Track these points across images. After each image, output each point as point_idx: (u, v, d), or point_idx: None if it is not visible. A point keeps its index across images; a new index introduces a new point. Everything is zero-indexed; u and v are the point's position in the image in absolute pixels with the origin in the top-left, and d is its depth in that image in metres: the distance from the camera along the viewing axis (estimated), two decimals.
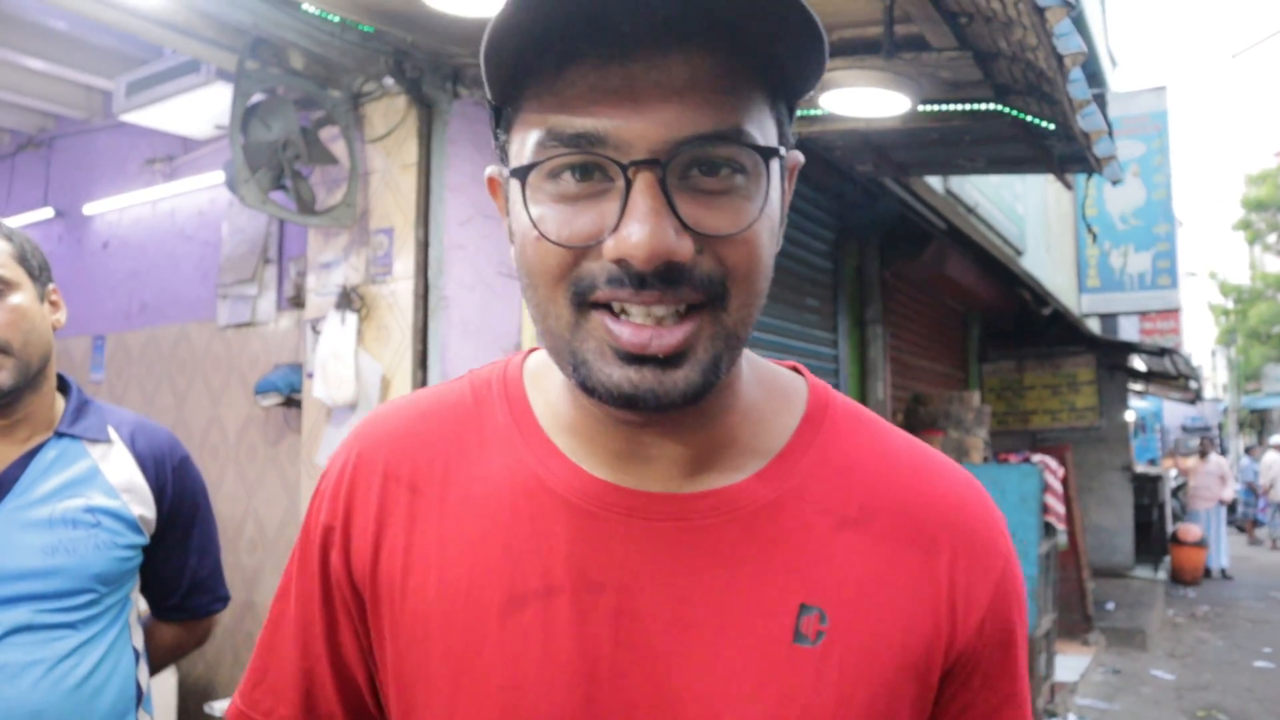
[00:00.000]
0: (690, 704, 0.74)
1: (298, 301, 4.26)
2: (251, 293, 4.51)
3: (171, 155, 5.00)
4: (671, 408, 0.71)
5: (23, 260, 1.72)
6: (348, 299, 3.66)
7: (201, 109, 4.17)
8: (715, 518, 0.78)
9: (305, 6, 3.22)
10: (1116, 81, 14.15)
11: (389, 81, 3.62)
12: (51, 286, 1.80)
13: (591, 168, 0.68)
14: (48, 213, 5.61)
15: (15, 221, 5.40)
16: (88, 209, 5.40)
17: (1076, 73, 2.84)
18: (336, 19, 3.31)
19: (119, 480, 1.77)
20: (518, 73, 0.70)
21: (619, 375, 0.69)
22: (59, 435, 1.75)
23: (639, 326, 0.68)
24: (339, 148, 3.71)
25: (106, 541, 1.71)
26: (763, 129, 0.70)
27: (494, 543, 0.79)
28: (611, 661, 0.75)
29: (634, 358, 0.69)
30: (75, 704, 1.64)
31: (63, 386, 1.85)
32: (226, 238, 4.66)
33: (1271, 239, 25.78)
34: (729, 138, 0.67)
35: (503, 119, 0.75)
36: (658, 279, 0.67)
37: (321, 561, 0.87)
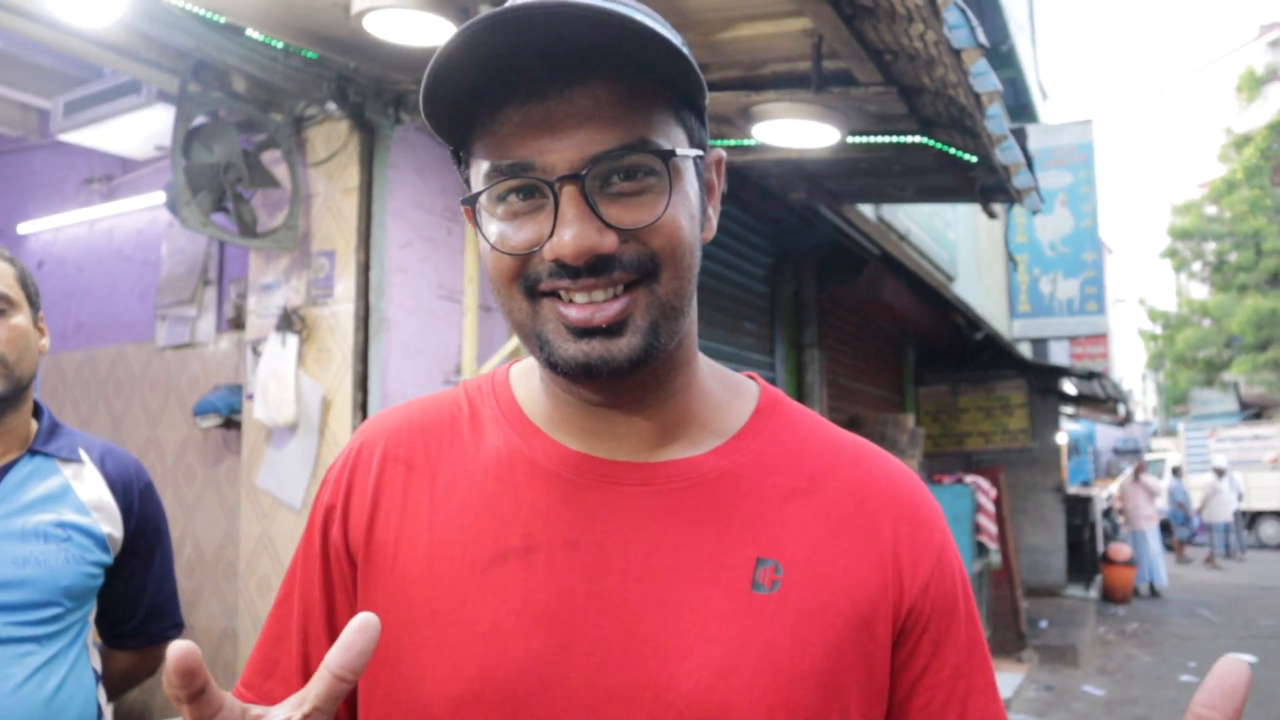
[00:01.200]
0: (658, 645, 0.82)
1: (238, 323, 4.25)
2: (191, 314, 4.50)
3: (110, 175, 4.97)
4: (621, 372, 0.82)
5: (23, 284, 1.81)
6: (289, 321, 3.68)
7: (141, 129, 4.16)
8: (679, 483, 0.88)
9: (249, 32, 3.25)
10: (1047, 112, 14.58)
11: (331, 106, 3.66)
12: (40, 314, 1.87)
13: (530, 189, 0.81)
14: None
15: None
16: (22, 228, 5.33)
17: (994, 109, 2.98)
18: (279, 44, 3.35)
19: (89, 498, 1.82)
20: (459, 122, 0.84)
21: (574, 349, 0.81)
22: (33, 453, 1.80)
23: (581, 307, 0.80)
24: (280, 171, 3.73)
25: (76, 556, 1.75)
26: (669, 135, 0.83)
27: (480, 508, 0.89)
28: (585, 609, 0.83)
29: (584, 331, 0.80)
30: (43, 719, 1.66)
31: (34, 410, 1.90)
32: (165, 258, 4.64)
33: (1197, 267, 26.47)
34: (633, 147, 0.80)
35: (461, 160, 0.88)
36: (589, 271, 0.79)
37: (322, 541, 0.94)
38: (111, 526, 1.84)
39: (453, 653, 0.84)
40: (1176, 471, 22.72)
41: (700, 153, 0.88)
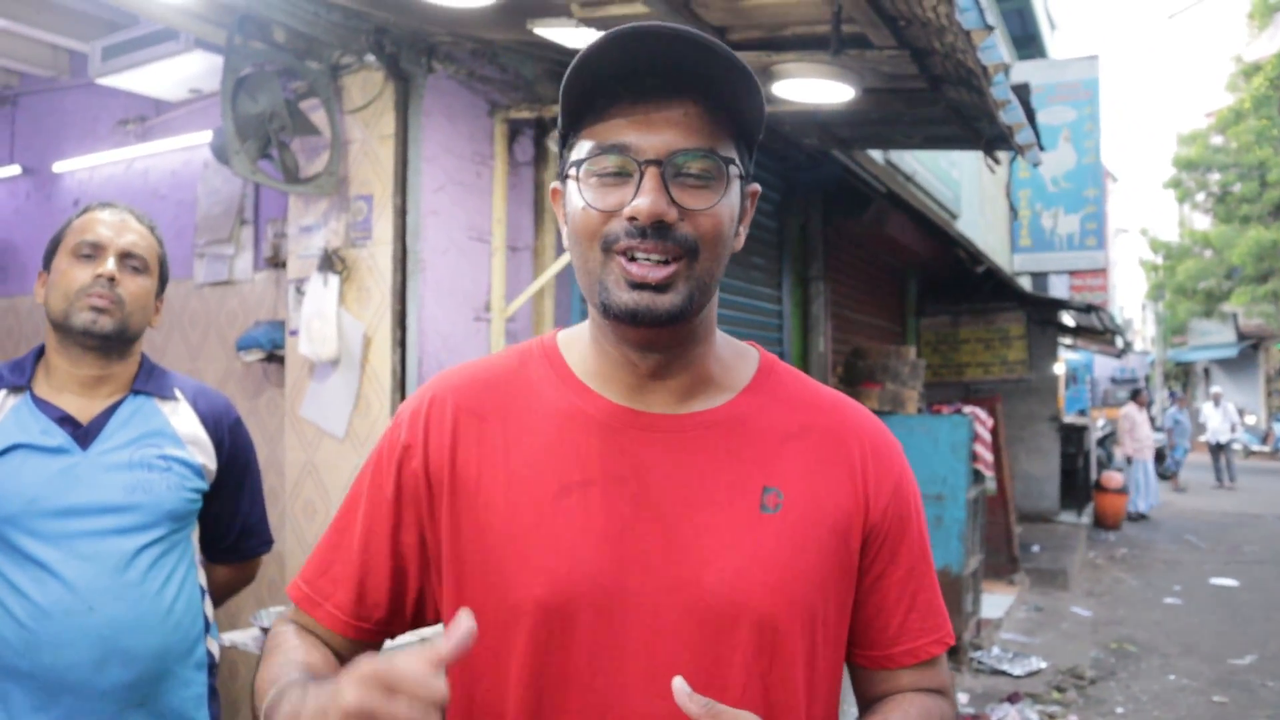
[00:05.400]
0: (691, 555, 1.08)
1: (275, 261, 4.44)
2: (229, 252, 4.70)
3: (144, 116, 5.11)
4: (660, 322, 1.05)
5: (160, 260, 2.05)
6: (329, 261, 3.88)
7: (178, 73, 4.29)
8: (701, 430, 1.13)
9: None
10: (1055, 43, 14.53)
11: (369, 57, 3.82)
12: (162, 298, 2.11)
13: (620, 167, 1.05)
14: (14, 170, 5.68)
15: None
16: (57, 167, 5.49)
17: (999, 77, 3.17)
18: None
19: (185, 433, 2.06)
20: (579, 111, 1.08)
21: (627, 298, 1.04)
22: (135, 393, 2.04)
23: (641, 265, 1.03)
24: (319, 118, 3.90)
25: (177, 484, 2.00)
26: (727, 153, 1.07)
27: (546, 449, 1.12)
28: (634, 529, 1.08)
29: (637, 285, 1.03)
30: (166, 627, 1.94)
31: None
32: (202, 199, 4.81)
33: (1200, 198, 26.28)
34: (704, 152, 1.05)
35: (567, 142, 1.12)
36: (654, 232, 1.02)
37: (397, 473, 1.17)
38: (206, 458, 2.09)
39: (532, 564, 1.08)
40: (1174, 398, 22.99)
41: (745, 176, 1.12)
